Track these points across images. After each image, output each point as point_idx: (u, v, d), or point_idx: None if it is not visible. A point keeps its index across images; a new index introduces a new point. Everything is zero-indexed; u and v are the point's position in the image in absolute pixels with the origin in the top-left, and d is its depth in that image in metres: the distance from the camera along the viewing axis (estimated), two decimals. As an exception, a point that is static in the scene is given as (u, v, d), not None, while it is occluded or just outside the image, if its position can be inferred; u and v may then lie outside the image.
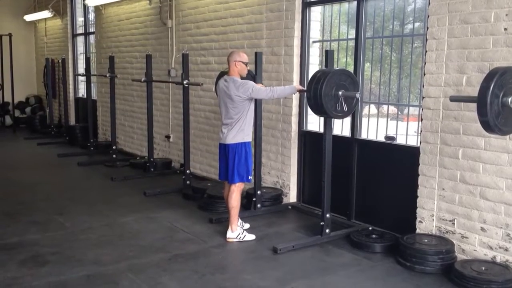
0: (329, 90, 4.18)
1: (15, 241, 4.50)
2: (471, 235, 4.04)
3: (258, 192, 5.42)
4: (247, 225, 4.90)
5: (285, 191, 5.79)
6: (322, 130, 4.71)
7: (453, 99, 3.69)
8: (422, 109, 4.35)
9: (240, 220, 4.84)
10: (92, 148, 9.11)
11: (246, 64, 4.60)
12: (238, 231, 4.59)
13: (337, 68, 4.60)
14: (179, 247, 4.42)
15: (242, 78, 4.58)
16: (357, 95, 4.30)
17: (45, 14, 11.49)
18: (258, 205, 5.41)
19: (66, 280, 3.70)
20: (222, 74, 5.31)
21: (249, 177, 4.64)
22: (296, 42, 5.55)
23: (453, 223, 4.15)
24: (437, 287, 3.68)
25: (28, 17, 12.35)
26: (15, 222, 5.04)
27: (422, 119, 4.35)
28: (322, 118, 4.81)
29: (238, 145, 4.55)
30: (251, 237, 4.62)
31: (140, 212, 5.45)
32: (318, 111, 4.37)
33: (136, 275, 3.80)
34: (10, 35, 11.80)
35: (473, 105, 3.34)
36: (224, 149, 4.62)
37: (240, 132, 4.53)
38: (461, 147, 4.07)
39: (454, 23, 4.04)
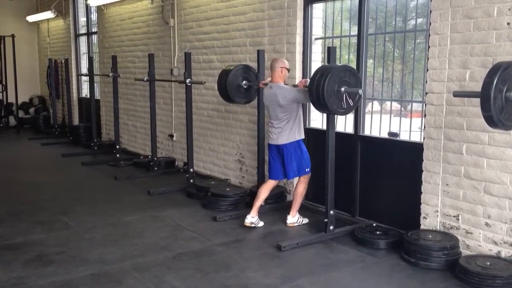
0: (331, 87, 4.16)
1: (20, 241, 4.51)
2: (476, 230, 4.02)
3: (262, 189, 5.42)
4: (305, 220, 5.04)
5: (288, 188, 5.79)
6: (325, 127, 4.70)
7: (457, 94, 3.67)
8: (426, 105, 4.33)
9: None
10: (95, 148, 9.13)
11: (288, 71, 4.94)
12: (297, 216, 4.93)
13: (339, 64, 4.58)
14: (183, 245, 4.43)
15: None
16: (360, 91, 4.27)
17: (48, 14, 11.52)
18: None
19: (71, 280, 3.71)
20: (224, 72, 5.31)
21: (307, 170, 4.87)
22: (298, 39, 5.54)
23: (458, 219, 4.14)
24: (442, 283, 3.68)
25: (31, 18, 12.37)
26: (19, 222, 5.06)
27: (425, 115, 4.34)
28: (325, 115, 4.81)
29: (293, 143, 4.76)
30: (305, 220, 5.00)
31: (144, 211, 5.46)
32: (320, 108, 4.36)
33: (140, 274, 3.80)
34: (13, 36, 11.82)
35: (477, 100, 3.32)
36: (277, 149, 4.84)
37: (292, 132, 4.75)
38: (465, 142, 4.05)
39: (457, 18, 4.02)
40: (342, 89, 4.20)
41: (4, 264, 3.97)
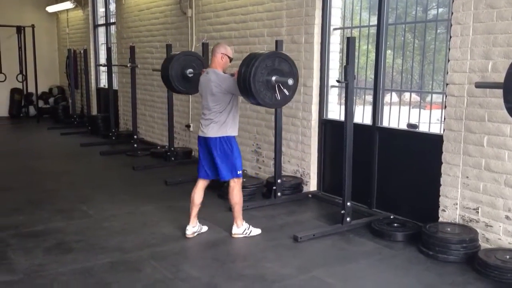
0: (259, 77, 3.82)
1: (41, 229, 4.58)
2: (496, 223, 3.97)
3: (278, 180, 5.41)
4: (256, 230, 4.47)
5: (305, 179, 5.78)
6: (343, 118, 4.67)
7: (478, 85, 3.61)
8: (446, 96, 4.27)
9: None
10: (113, 138, 9.21)
11: (230, 60, 4.33)
12: (244, 226, 4.39)
13: (267, 51, 4.14)
14: (200, 235, 4.45)
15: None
16: (290, 81, 3.91)
17: (67, 5, 11.63)
18: (278, 194, 5.41)
19: (90, 267, 3.76)
20: (166, 60, 5.31)
21: (238, 172, 4.30)
22: (317, 29, 5.50)
23: (477, 212, 4.09)
24: (460, 276, 3.64)
25: (50, 9, 12.50)
26: (40, 210, 5.14)
27: (445, 106, 4.28)
28: (343, 106, 4.78)
29: (222, 138, 4.22)
30: (257, 231, 4.43)
31: (161, 200, 5.51)
32: (252, 101, 4.02)
33: (158, 262, 3.84)
34: (33, 26, 11.97)
35: (499, 92, 3.27)
36: (205, 142, 4.28)
37: (224, 126, 4.21)
38: (486, 134, 3.99)
39: (480, 7, 3.94)
40: (273, 78, 3.90)
41: (26, 251, 4.04)
